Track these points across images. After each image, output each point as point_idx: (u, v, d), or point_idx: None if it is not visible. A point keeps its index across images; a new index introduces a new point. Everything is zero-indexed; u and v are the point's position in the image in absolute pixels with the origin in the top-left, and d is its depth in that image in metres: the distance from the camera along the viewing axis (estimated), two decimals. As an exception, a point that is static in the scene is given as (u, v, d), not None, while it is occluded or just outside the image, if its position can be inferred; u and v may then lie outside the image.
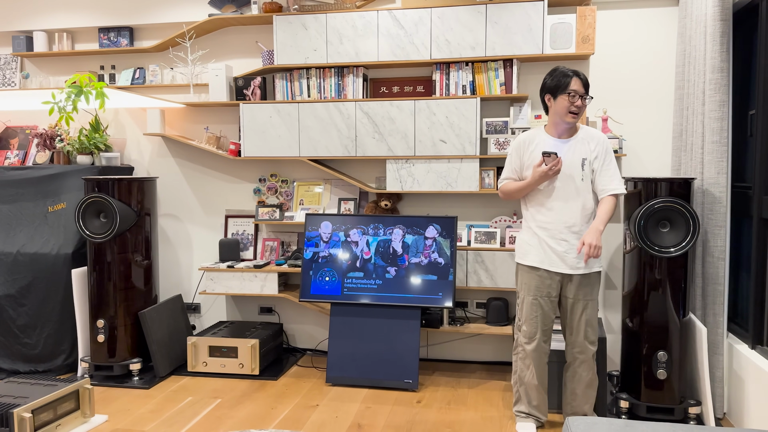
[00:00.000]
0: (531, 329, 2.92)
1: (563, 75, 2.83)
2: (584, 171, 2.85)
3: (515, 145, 2.97)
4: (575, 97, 2.79)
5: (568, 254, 2.85)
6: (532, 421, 3.00)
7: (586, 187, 2.86)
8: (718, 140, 3.03)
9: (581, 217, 2.87)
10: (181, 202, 4.40)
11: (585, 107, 2.84)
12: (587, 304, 2.90)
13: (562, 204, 2.86)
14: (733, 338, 3.18)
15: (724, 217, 3.06)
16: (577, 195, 2.85)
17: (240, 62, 4.22)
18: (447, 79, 3.80)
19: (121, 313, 3.72)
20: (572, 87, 2.79)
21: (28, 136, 4.48)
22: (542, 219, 2.89)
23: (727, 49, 3.01)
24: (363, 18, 3.80)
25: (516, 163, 2.96)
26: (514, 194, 2.97)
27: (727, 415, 3.17)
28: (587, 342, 2.91)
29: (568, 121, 2.82)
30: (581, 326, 2.90)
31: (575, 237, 2.85)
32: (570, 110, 2.80)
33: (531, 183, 2.85)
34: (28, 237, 3.93)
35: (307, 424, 3.11)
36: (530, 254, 2.92)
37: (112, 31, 4.32)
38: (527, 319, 2.93)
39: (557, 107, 2.83)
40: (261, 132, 3.97)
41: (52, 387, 2.98)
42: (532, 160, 2.88)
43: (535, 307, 2.91)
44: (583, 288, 2.89)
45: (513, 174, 2.98)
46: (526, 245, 2.95)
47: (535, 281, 2.91)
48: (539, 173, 2.79)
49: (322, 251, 3.78)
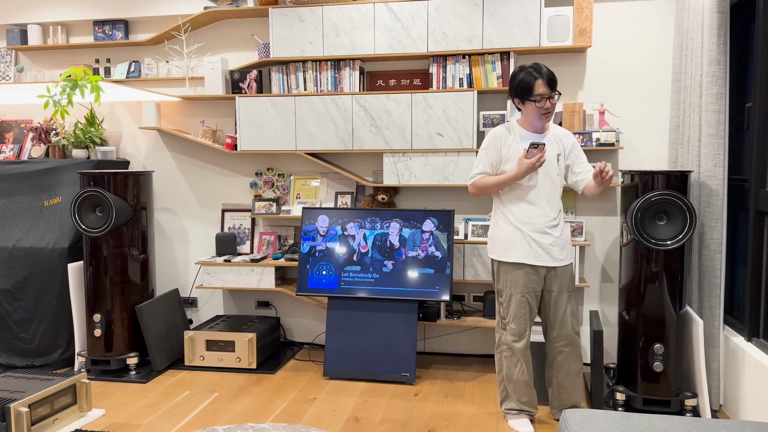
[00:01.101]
0: (520, 327, 2.90)
1: (527, 78, 2.79)
2: (559, 166, 2.91)
3: (491, 139, 2.93)
4: (542, 101, 2.78)
5: (552, 247, 2.87)
6: (525, 416, 3.00)
7: (560, 182, 2.93)
8: (714, 133, 3.02)
9: (558, 211, 2.92)
10: (177, 196, 4.39)
11: (554, 105, 2.84)
12: (570, 295, 2.93)
13: (543, 198, 2.87)
14: (730, 330, 3.19)
15: (720, 210, 3.06)
16: (554, 189, 2.90)
17: (236, 55, 4.20)
18: (444, 72, 3.78)
19: (117, 308, 3.72)
20: (537, 92, 2.77)
21: (23, 130, 4.46)
22: (525, 214, 2.88)
23: (725, 42, 3.00)
24: (359, 10, 3.78)
25: (494, 157, 2.92)
26: (491, 189, 2.93)
27: (723, 407, 3.18)
28: (574, 332, 2.93)
29: (543, 121, 2.86)
30: (567, 318, 2.92)
31: (556, 230, 2.89)
32: (541, 113, 2.81)
33: (516, 175, 2.82)
34: (24, 231, 3.91)
35: (304, 418, 3.11)
36: (513, 250, 2.89)
37: (107, 24, 4.29)
38: (516, 316, 2.90)
39: (527, 112, 2.85)
40: (257, 125, 3.96)
41: (48, 381, 2.98)
42: (511, 153, 2.87)
43: (523, 304, 2.89)
44: (565, 280, 2.92)
45: (488, 168, 2.94)
46: (508, 242, 2.91)
47: (521, 278, 2.89)
48: (526, 165, 2.77)
49: (319, 245, 3.77)
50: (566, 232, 2.96)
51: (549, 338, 2.99)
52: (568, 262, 2.94)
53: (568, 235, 2.98)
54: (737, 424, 1.97)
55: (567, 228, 3.00)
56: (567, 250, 2.94)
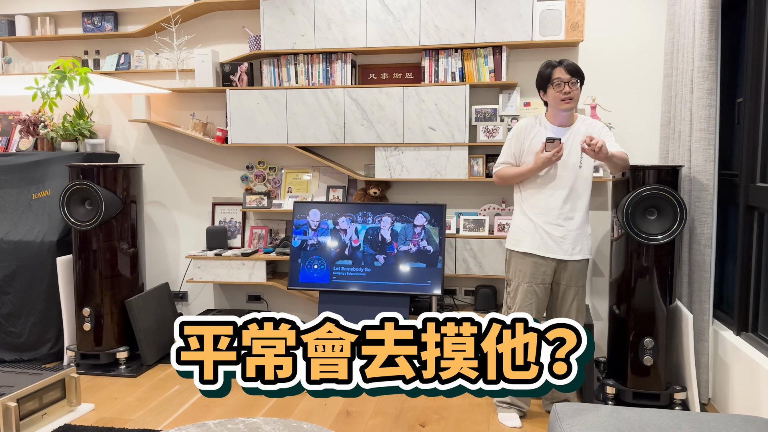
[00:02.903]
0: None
1: (546, 67, 2.87)
2: (583, 158, 2.86)
3: (516, 130, 2.96)
4: (561, 84, 2.80)
5: (564, 240, 2.86)
6: (515, 411, 3.00)
7: (584, 175, 2.89)
8: (705, 128, 3.03)
9: (577, 205, 2.88)
10: (167, 190, 4.36)
11: (577, 92, 2.83)
12: (578, 290, 2.92)
13: (560, 190, 2.86)
14: (719, 325, 3.21)
15: (711, 205, 3.08)
16: (575, 182, 2.87)
17: (226, 48, 4.17)
18: (436, 66, 3.77)
19: (107, 302, 3.69)
20: (555, 76, 2.82)
21: (10, 123, 4.41)
22: (539, 204, 2.89)
23: (716, 37, 3.01)
24: (351, 3, 3.76)
25: (516, 148, 2.95)
26: (512, 179, 2.97)
27: (712, 401, 3.21)
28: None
29: (563, 108, 2.84)
30: (572, 312, 2.92)
31: (571, 223, 2.86)
32: (561, 98, 2.81)
33: (533, 168, 2.85)
34: (12, 224, 3.87)
35: (295, 412, 3.11)
36: (525, 240, 2.91)
37: (96, 16, 4.24)
38: (521, 306, 2.91)
39: (550, 99, 2.88)
40: (248, 119, 3.93)
41: (37, 376, 2.96)
42: (533, 146, 2.88)
43: (530, 294, 2.90)
44: (575, 274, 2.91)
45: (511, 159, 2.97)
46: (520, 232, 2.94)
47: (530, 268, 2.89)
48: (542, 159, 2.79)
49: (311, 239, 3.76)
50: (583, 226, 2.91)
51: None
52: (581, 257, 2.91)
53: (584, 229, 2.92)
54: (726, 418, 1.98)
55: (586, 222, 2.93)
56: (582, 244, 2.90)
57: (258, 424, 2.01)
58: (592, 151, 2.69)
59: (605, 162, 2.79)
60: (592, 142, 2.68)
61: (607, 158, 2.73)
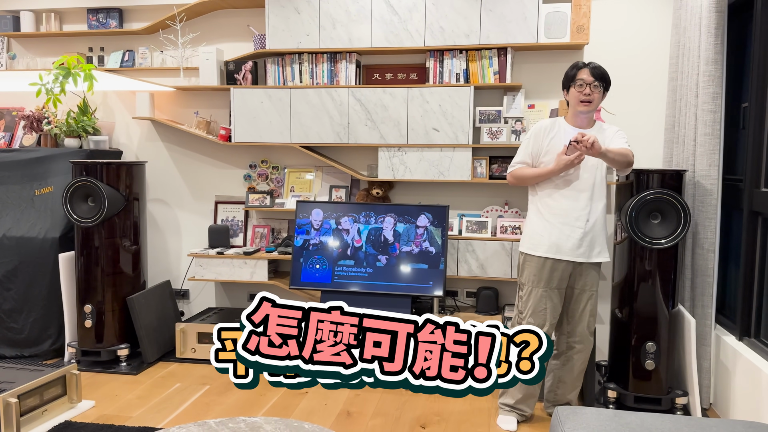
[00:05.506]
0: (538, 321, 2.84)
1: (572, 68, 2.87)
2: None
3: (534, 130, 2.93)
4: (583, 86, 2.79)
5: (581, 242, 2.82)
6: (514, 416, 2.98)
7: (601, 176, 2.87)
8: (710, 132, 3.03)
9: (595, 208, 2.85)
10: (170, 187, 4.36)
11: (598, 95, 2.82)
12: (591, 295, 2.90)
13: (578, 193, 2.84)
14: (721, 330, 3.21)
15: (714, 210, 3.07)
16: (594, 185, 2.85)
17: (231, 46, 4.17)
18: (441, 67, 3.77)
19: (108, 299, 3.69)
20: (579, 77, 2.81)
21: (14, 118, 4.41)
22: (556, 206, 2.85)
23: (722, 41, 3.00)
24: (356, 3, 3.75)
25: (534, 149, 2.91)
26: (528, 180, 2.93)
27: (713, 406, 3.20)
28: (588, 332, 2.91)
29: (581, 110, 2.83)
30: (585, 316, 2.90)
31: (588, 225, 2.83)
32: (581, 99, 2.81)
33: (553, 170, 2.82)
34: (15, 220, 3.88)
35: (296, 411, 3.10)
36: (542, 245, 2.85)
37: (101, 12, 4.24)
38: (535, 312, 2.86)
39: (571, 99, 2.87)
40: (252, 117, 3.93)
41: (38, 372, 2.96)
42: (551, 147, 2.86)
43: (544, 299, 2.85)
44: (591, 278, 2.88)
45: (528, 159, 2.93)
46: (537, 236, 2.88)
47: (546, 272, 2.85)
48: (564, 161, 2.77)
49: (313, 239, 3.76)
50: (600, 228, 2.88)
51: (562, 332, 2.96)
52: (598, 260, 2.87)
53: (602, 232, 2.89)
54: (727, 423, 1.98)
55: (604, 224, 2.90)
56: (599, 247, 2.87)
57: (259, 424, 2.01)
58: (584, 147, 2.68)
59: (602, 158, 2.76)
60: (584, 138, 2.67)
61: (601, 154, 2.70)
